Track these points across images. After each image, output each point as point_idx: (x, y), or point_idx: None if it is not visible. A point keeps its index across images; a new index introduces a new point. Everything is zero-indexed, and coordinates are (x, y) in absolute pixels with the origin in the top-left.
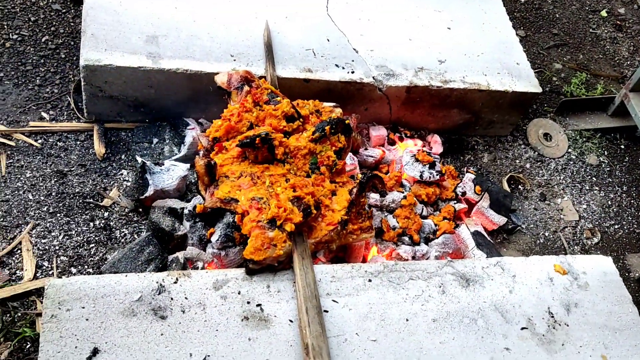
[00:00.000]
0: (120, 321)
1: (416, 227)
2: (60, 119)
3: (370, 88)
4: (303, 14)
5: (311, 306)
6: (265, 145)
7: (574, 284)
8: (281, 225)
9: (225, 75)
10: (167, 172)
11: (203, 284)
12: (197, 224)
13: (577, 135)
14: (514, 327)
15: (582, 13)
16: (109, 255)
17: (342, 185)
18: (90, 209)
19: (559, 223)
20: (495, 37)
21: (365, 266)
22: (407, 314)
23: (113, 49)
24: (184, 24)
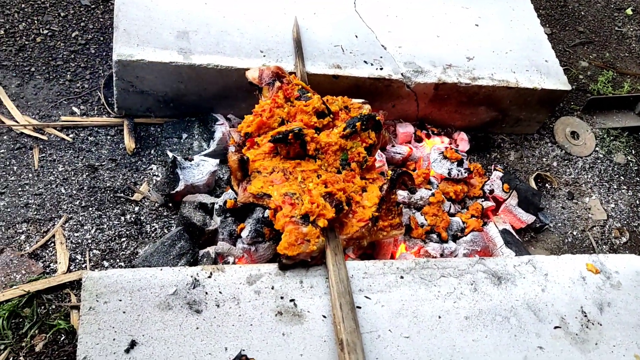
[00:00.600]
0: (157, 314)
1: (444, 225)
2: (91, 113)
3: (399, 85)
4: (331, 10)
5: (345, 302)
6: (297, 141)
7: (606, 283)
8: (314, 220)
9: (257, 71)
10: (197, 167)
11: (237, 278)
12: (228, 219)
13: (604, 134)
14: (547, 326)
15: (607, 11)
16: (139, 249)
17: (372, 181)
18: (121, 203)
19: (587, 222)
20: (523, 34)
21: (397, 263)
22: (440, 311)
23: (145, 44)
24: (213, 19)
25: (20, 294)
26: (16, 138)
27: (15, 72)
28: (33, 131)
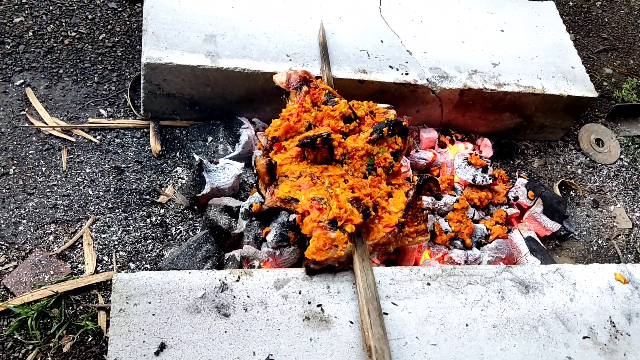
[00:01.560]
0: (185, 317)
1: (468, 231)
2: (118, 115)
3: (424, 90)
4: (356, 15)
5: (372, 308)
6: (325, 145)
7: (634, 293)
8: (342, 226)
9: (284, 75)
10: (222, 170)
11: (264, 282)
12: (253, 222)
13: (629, 142)
14: (575, 336)
15: (631, 18)
16: (165, 251)
17: (398, 187)
18: (146, 205)
19: (612, 231)
20: (549, 40)
21: (424, 269)
22: (467, 319)
23: (173, 47)
24: (240, 23)
25: (48, 295)
26: (45, 139)
27: (43, 74)
28: (61, 132)
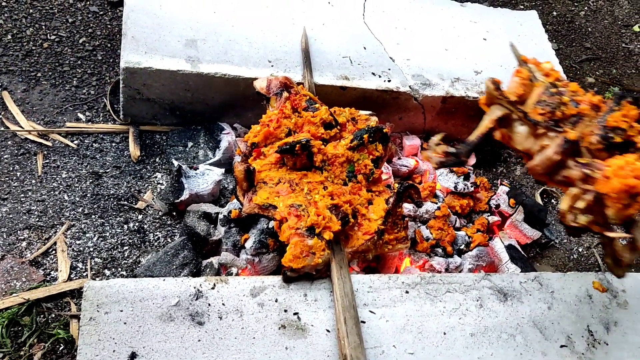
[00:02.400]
0: (158, 326)
1: (449, 239)
2: (96, 120)
3: (406, 97)
4: (340, 22)
5: (349, 316)
6: (304, 152)
7: (613, 302)
8: (320, 233)
9: (265, 80)
10: (202, 176)
11: (240, 290)
12: (232, 229)
13: None
14: (553, 345)
15: (614, 27)
16: (142, 258)
17: (378, 194)
18: (124, 211)
19: (593, 239)
20: (531, 49)
21: (402, 277)
22: (445, 327)
23: (153, 51)
24: (222, 28)
25: (20, 302)
26: (20, 143)
27: (21, 77)
28: (37, 137)
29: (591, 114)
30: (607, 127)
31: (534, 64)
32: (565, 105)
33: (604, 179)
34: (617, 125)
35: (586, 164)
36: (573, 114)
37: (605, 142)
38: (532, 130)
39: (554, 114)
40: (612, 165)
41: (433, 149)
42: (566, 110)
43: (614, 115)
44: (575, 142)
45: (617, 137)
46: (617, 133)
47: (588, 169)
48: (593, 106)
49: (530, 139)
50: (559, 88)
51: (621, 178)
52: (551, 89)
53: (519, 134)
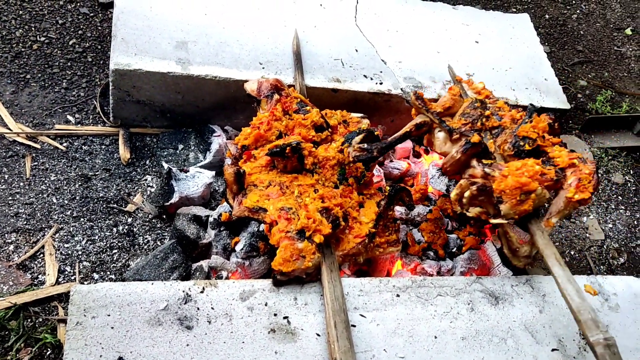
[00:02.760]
0: (146, 330)
1: (441, 242)
2: (86, 122)
3: (398, 100)
4: (332, 24)
5: (339, 320)
6: (295, 154)
7: (604, 305)
8: (310, 236)
9: (256, 83)
10: (192, 179)
11: (230, 294)
12: (222, 232)
13: (602, 153)
14: (544, 348)
15: (606, 31)
16: (131, 261)
17: (369, 197)
18: (113, 214)
19: (585, 242)
20: (523, 52)
21: (393, 281)
22: (436, 331)
23: (143, 53)
24: (213, 30)
25: (6, 306)
26: (8, 146)
27: (10, 79)
28: (26, 139)
29: (512, 127)
30: (518, 136)
31: (466, 83)
32: (488, 118)
33: (502, 177)
34: (527, 135)
35: (487, 164)
36: (495, 126)
37: (516, 149)
38: (448, 136)
39: (474, 124)
40: (511, 166)
41: (353, 146)
42: (488, 122)
43: (525, 127)
44: (476, 144)
45: (527, 145)
46: (527, 142)
47: (488, 168)
48: (513, 120)
49: (448, 143)
50: (486, 104)
51: (516, 177)
52: (475, 103)
53: (438, 139)
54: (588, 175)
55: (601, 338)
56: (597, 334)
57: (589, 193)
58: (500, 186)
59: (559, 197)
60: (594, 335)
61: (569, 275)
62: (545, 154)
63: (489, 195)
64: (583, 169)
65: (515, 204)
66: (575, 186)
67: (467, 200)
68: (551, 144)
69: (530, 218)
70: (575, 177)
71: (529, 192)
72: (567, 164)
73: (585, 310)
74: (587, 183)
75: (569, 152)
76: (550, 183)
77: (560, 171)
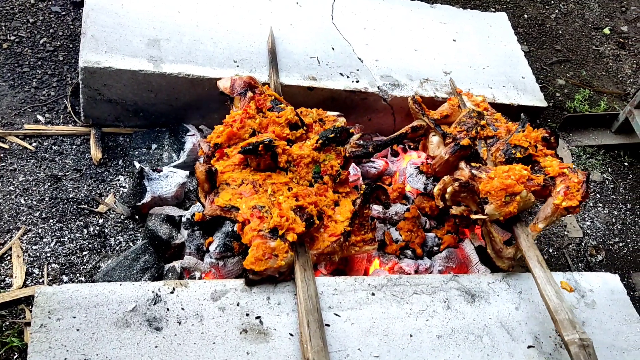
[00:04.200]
0: (113, 332)
1: (419, 240)
2: (56, 122)
3: (375, 98)
4: (308, 22)
5: (312, 320)
6: (268, 152)
7: (581, 302)
8: (283, 235)
9: (228, 80)
10: (165, 178)
11: (201, 294)
12: (195, 232)
13: (580, 152)
14: (520, 346)
15: (585, 30)
16: (102, 263)
17: (345, 195)
18: (84, 215)
19: (563, 240)
20: (500, 51)
21: (369, 279)
22: (411, 330)
23: (113, 51)
24: (186, 28)
25: None
26: None
27: None
28: None
29: (506, 137)
30: (510, 144)
31: (466, 95)
32: (484, 127)
33: (488, 179)
34: (519, 144)
35: (475, 167)
36: (490, 135)
37: (507, 157)
38: (442, 141)
39: (469, 132)
40: (498, 169)
41: (350, 142)
42: (483, 132)
43: (517, 136)
44: (465, 147)
45: (518, 154)
46: (519, 150)
47: (476, 170)
48: (509, 131)
49: (441, 147)
50: (483, 115)
51: (502, 179)
52: (472, 113)
53: (432, 143)
54: (577, 184)
55: (577, 338)
56: (572, 333)
57: (577, 201)
58: (486, 187)
59: (547, 204)
60: (569, 335)
61: (549, 276)
62: (537, 163)
63: (472, 193)
64: (572, 178)
65: (500, 205)
66: (563, 193)
67: (450, 196)
68: (543, 154)
69: (516, 221)
70: (564, 185)
71: (514, 194)
72: (557, 173)
73: (562, 310)
74: (576, 191)
75: (560, 163)
76: (538, 188)
77: (550, 179)
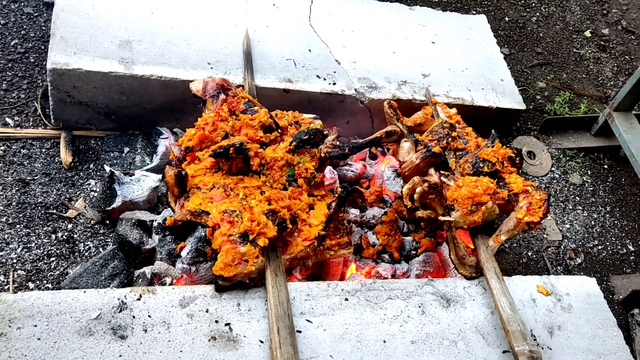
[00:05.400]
0: (76, 341)
1: (396, 244)
2: (26, 125)
3: (352, 100)
4: (285, 24)
5: (283, 326)
6: (239, 155)
7: (557, 306)
8: (254, 239)
9: (201, 82)
10: (137, 182)
11: (169, 301)
12: (167, 237)
13: (560, 154)
14: (495, 351)
15: (566, 33)
16: (70, 269)
17: (320, 199)
18: (52, 220)
19: (542, 243)
20: (479, 53)
21: (342, 284)
22: (385, 335)
23: (83, 52)
24: (160, 29)
25: None
26: None
27: None
28: None
29: (475, 151)
30: (479, 157)
31: (440, 106)
32: (455, 139)
33: (456, 187)
34: (488, 158)
35: (444, 174)
36: (460, 148)
37: (475, 169)
38: (413, 147)
39: (440, 142)
40: (466, 179)
41: (325, 143)
42: (453, 143)
43: (486, 150)
44: (436, 154)
45: (486, 168)
46: (486, 164)
47: (444, 178)
48: (478, 146)
49: (411, 153)
50: (455, 127)
51: (470, 187)
52: (444, 124)
53: (403, 148)
54: (539, 201)
55: (526, 349)
56: (523, 345)
57: (538, 217)
58: (454, 195)
59: (510, 217)
60: (519, 346)
61: (504, 288)
62: (502, 179)
63: (440, 195)
64: (535, 195)
65: (465, 213)
66: (526, 209)
67: (418, 197)
68: (509, 172)
69: (478, 232)
70: (527, 201)
71: (480, 204)
72: (520, 190)
73: (514, 321)
74: (538, 208)
75: (524, 180)
76: (502, 202)
77: (514, 195)
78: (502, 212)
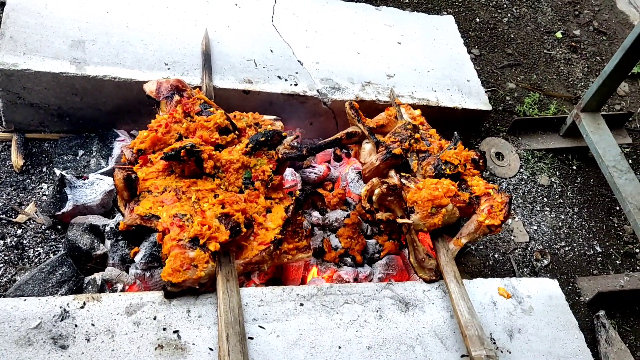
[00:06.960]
0: (14, 351)
1: (359, 247)
2: None
3: (315, 102)
4: (246, 24)
5: (233, 333)
6: (192, 157)
7: (517, 308)
8: (204, 244)
9: (155, 83)
10: (90, 186)
11: (114, 308)
12: (120, 242)
13: (529, 155)
14: (453, 355)
15: (537, 34)
16: (18, 276)
17: (278, 201)
18: (1, 225)
19: (509, 244)
20: (446, 54)
21: (298, 289)
22: (340, 341)
23: (33, 53)
24: (115, 29)
25: None
26: None
27: None
28: None
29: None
30: (441, 159)
31: (404, 107)
32: (417, 141)
33: (416, 189)
34: (450, 161)
35: (405, 176)
36: (423, 150)
37: (437, 172)
38: (375, 148)
39: (402, 144)
40: (427, 181)
41: (284, 144)
42: (416, 145)
43: (448, 152)
44: (396, 155)
45: (448, 170)
46: (449, 166)
47: (405, 180)
48: (441, 148)
49: (373, 155)
50: (418, 129)
51: (430, 190)
52: (408, 126)
53: (365, 150)
54: (500, 204)
55: (483, 354)
56: (480, 349)
57: (499, 220)
58: (414, 197)
59: (471, 220)
60: (476, 351)
61: (463, 292)
62: (464, 182)
63: (399, 197)
64: (497, 198)
65: (425, 216)
66: (487, 212)
67: (377, 199)
68: (471, 174)
69: (438, 235)
70: (488, 204)
71: (440, 207)
72: (482, 193)
73: (472, 326)
74: (499, 211)
75: (486, 183)
76: (463, 205)
77: (475, 198)
78: (464, 215)
